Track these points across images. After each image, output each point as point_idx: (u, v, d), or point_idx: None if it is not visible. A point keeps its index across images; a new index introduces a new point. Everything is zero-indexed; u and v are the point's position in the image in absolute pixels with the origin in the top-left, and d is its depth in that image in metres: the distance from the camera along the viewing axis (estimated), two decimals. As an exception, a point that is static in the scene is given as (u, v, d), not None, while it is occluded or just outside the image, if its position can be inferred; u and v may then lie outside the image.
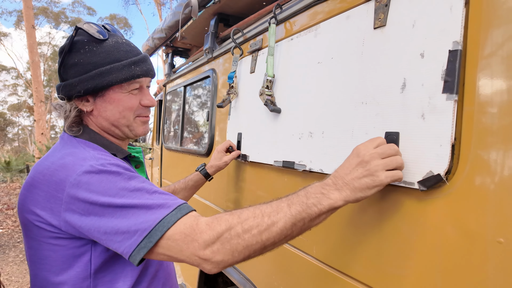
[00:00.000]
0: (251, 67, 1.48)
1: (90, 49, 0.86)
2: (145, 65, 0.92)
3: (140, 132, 0.97)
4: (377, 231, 0.87)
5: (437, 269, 0.73)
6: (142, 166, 1.03)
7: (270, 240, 0.71)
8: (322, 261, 1.05)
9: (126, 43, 0.92)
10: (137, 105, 0.93)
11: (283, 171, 1.26)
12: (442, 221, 0.72)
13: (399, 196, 0.81)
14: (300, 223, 0.72)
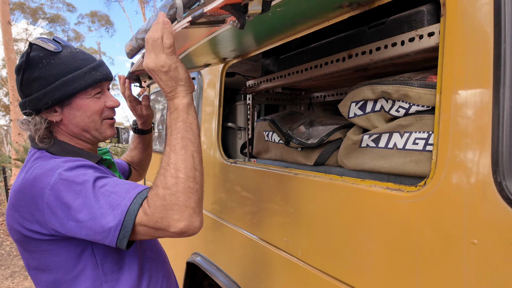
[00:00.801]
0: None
1: (48, 62, 0.89)
2: (104, 69, 0.98)
3: (109, 134, 1.02)
4: (360, 233, 0.89)
5: (417, 269, 0.76)
6: (114, 166, 1.09)
7: (191, 170, 0.78)
8: (308, 263, 1.07)
9: (81, 52, 0.96)
10: (103, 107, 0.98)
11: (269, 174, 1.28)
12: (421, 223, 0.75)
13: (381, 199, 0.84)
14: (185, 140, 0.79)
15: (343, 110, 0.99)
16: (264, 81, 1.41)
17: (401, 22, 0.86)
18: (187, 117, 0.80)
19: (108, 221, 0.74)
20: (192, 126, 0.81)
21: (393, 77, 0.89)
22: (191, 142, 0.79)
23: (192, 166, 0.78)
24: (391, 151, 0.87)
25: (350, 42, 1.02)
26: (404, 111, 0.84)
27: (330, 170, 1.10)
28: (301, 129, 1.25)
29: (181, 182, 0.75)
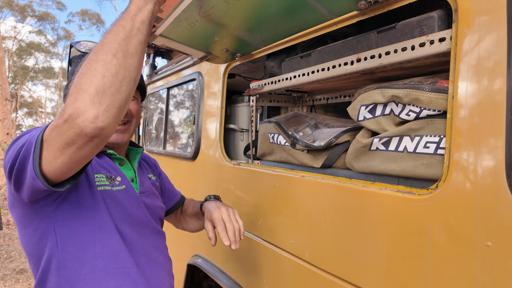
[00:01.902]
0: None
1: (80, 60, 0.93)
2: None
3: (112, 140, 1.03)
4: (370, 235, 0.90)
5: (429, 271, 0.77)
6: (126, 164, 1.08)
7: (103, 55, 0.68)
8: (316, 265, 1.08)
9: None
10: None
11: (275, 176, 1.28)
12: (433, 226, 0.77)
13: (392, 202, 0.85)
14: (119, 27, 0.71)
15: (353, 113, 1.00)
16: (269, 83, 1.41)
17: (411, 27, 0.88)
18: (127, 13, 0.74)
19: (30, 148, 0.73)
20: (128, 17, 0.73)
21: (402, 81, 0.91)
22: (121, 27, 0.71)
23: (109, 50, 0.68)
24: (401, 154, 0.88)
25: (358, 46, 1.03)
26: (415, 115, 0.85)
27: (338, 173, 1.11)
28: (307, 131, 1.26)
29: (89, 63, 0.67)
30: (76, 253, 0.89)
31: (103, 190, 0.95)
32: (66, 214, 0.88)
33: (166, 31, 1.27)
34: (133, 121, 1.08)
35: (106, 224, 0.94)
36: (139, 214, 1.04)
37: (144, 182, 1.14)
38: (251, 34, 1.27)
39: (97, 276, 0.90)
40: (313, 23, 1.09)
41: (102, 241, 0.92)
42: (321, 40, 1.26)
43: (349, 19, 1.01)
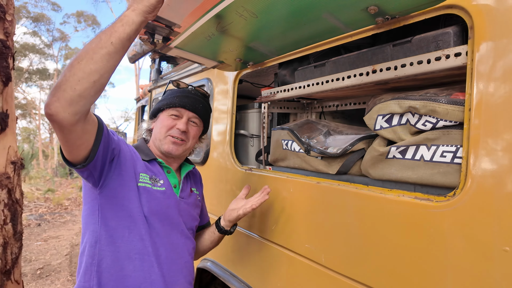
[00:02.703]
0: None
1: (168, 91, 1.34)
2: (186, 99, 1.25)
3: (165, 148, 1.22)
4: (387, 240, 0.94)
5: (447, 276, 0.81)
6: (172, 173, 1.26)
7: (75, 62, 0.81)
8: (332, 269, 1.11)
9: (190, 91, 1.31)
10: (172, 126, 1.22)
11: (290, 182, 1.31)
12: (451, 232, 0.81)
13: (410, 208, 0.89)
14: (97, 38, 0.83)
15: (369, 122, 1.04)
16: (281, 91, 1.44)
17: (427, 42, 0.92)
18: (113, 24, 0.85)
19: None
20: (109, 30, 0.84)
21: (418, 93, 0.95)
22: (99, 38, 0.82)
23: (79, 55, 0.81)
24: (418, 163, 0.92)
25: (373, 57, 1.07)
26: (431, 125, 0.89)
27: (353, 179, 1.15)
28: (320, 138, 1.30)
29: (68, 65, 0.82)
30: (109, 232, 1.07)
31: (143, 187, 1.13)
32: (106, 199, 1.07)
33: (182, 44, 1.30)
34: (188, 142, 1.26)
35: (136, 214, 1.10)
36: (172, 214, 1.19)
37: (185, 190, 1.31)
38: (266, 45, 1.31)
39: (120, 256, 1.07)
40: (328, 36, 1.13)
41: (129, 227, 1.09)
42: (334, 50, 1.30)
43: (365, 32, 1.05)
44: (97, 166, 1.01)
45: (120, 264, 1.06)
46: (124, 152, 1.12)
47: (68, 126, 0.83)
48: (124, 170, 1.09)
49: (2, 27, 0.64)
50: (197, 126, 1.29)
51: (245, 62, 1.54)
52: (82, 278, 1.06)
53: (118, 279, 1.06)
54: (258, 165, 1.75)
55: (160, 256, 1.13)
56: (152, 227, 1.12)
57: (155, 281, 1.10)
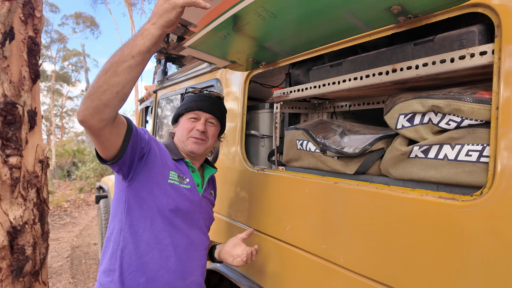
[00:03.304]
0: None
1: (185, 97, 1.45)
2: (202, 102, 1.35)
3: (189, 148, 1.34)
4: (411, 240, 0.93)
5: (475, 275, 0.80)
6: (196, 172, 1.37)
7: (101, 75, 0.89)
8: (351, 270, 1.11)
9: (205, 95, 1.41)
10: (192, 128, 1.33)
11: (305, 182, 1.31)
12: (478, 231, 0.80)
13: (434, 208, 0.88)
14: (120, 51, 0.90)
15: (390, 122, 1.03)
16: (295, 90, 1.44)
17: (450, 40, 0.92)
18: (135, 38, 0.91)
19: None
20: (131, 44, 0.90)
21: (440, 92, 0.94)
22: (121, 51, 0.89)
23: (104, 67, 0.89)
24: (442, 162, 0.91)
25: (393, 56, 1.07)
26: (456, 124, 0.88)
27: (372, 179, 1.14)
28: (336, 138, 1.29)
29: (96, 77, 0.90)
30: (133, 222, 1.18)
31: (171, 184, 1.24)
32: (134, 191, 1.18)
33: (195, 43, 1.30)
34: (208, 141, 1.37)
35: (160, 208, 1.20)
36: (194, 211, 1.31)
37: (207, 190, 1.43)
38: (281, 45, 1.30)
39: (141, 245, 1.18)
40: (347, 35, 1.13)
41: (152, 219, 1.19)
42: (350, 50, 1.30)
43: (384, 31, 1.05)
44: (126, 162, 1.11)
45: (140, 251, 1.17)
46: (154, 150, 1.22)
47: (96, 130, 0.93)
48: (153, 167, 1.20)
49: (32, 24, 0.64)
50: (215, 126, 1.39)
51: (257, 62, 1.54)
52: (108, 261, 1.19)
53: (139, 265, 1.17)
54: (269, 166, 1.74)
55: (178, 247, 1.24)
56: (173, 220, 1.23)
57: (172, 269, 1.21)
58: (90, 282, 4.14)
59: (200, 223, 1.35)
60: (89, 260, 4.94)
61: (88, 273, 4.41)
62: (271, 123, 1.77)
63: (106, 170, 11.23)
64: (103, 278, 1.19)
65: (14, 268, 0.56)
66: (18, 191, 0.58)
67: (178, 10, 0.88)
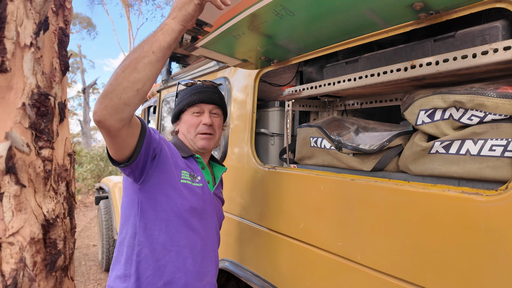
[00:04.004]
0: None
1: (180, 92, 1.38)
2: (202, 94, 1.29)
3: (199, 145, 1.30)
4: (433, 236, 0.93)
5: (500, 270, 0.80)
6: (206, 169, 1.34)
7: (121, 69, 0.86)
8: (369, 267, 1.10)
9: (202, 86, 1.34)
10: (198, 123, 1.29)
11: (320, 180, 1.30)
12: (505, 226, 0.80)
13: (458, 203, 0.88)
14: (139, 48, 0.88)
15: (410, 118, 1.03)
16: (308, 88, 1.44)
17: (472, 36, 0.92)
18: (155, 33, 0.90)
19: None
20: (151, 40, 0.88)
21: (462, 87, 0.95)
22: (141, 47, 0.87)
23: (123, 64, 0.86)
24: (464, 157, 0.91)
25: (412, 53, 1.07)
26: (478, 119, 0.89)
27: (389, 176, 1.14)
28: (351, 135, 1.29)
29: (113, 74, 0.86)
30: (148, 225, 1.13)
31: (184, 183, 1.20)
32: (146, 193, 1.13)
33: (208, 43, 1.29)
34: (216, 133, 1.33)
35: (174, 209, 1.16)
36: (208, 209, 1.27)
37: (218, 188, 1.40)
38: (296, 43, 1.30)
39: (157, 247, 1.14)
40: (364, 31, 1.13)
41: (167, 220, 1.15)
42: (364, 46, 1.30)
43: (403, 27, 1.05)
44: (139, 165, 1.07)
45: (157, 254, 1.14)
46: (165, 150, 1.16)
47: (114, 131, 0.89)
48: (165, 168, 1.14)
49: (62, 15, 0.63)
50: (219, 116, 1.36)
51: (269, 60, 1.53)
52: (123, 266, 1.14)
53: (156, 268, 1.13)
54: (280, 164, 1.73)
55: (195, 248, 1.21)
56: (189, 221, 1.19)
57: (189, 271, 1.18)
58: (90, 283, 4.10)
59: (214, 221, 1.33)
60: (89, 261, 4.89)
61: (88, 275, 4.37)
62: (281, 121, 1.76)
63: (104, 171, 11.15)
64: (118, 284, 1.14)
65: (48, 262, 0.55)
66: (50, 184, 0.57)
67: (195, 2, 0.88)
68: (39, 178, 0.54)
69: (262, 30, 1.17)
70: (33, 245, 0.52)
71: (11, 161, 0.49)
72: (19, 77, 0.52)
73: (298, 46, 1.33)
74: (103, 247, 4.08)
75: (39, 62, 0.56)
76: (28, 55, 0.53)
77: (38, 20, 0.55)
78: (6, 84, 0.50)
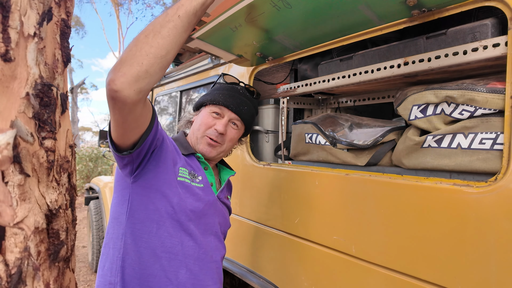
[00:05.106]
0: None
1: (216, 84, 1.28)
2: (230, 99, 1.18)
3: (201, 149, 1.17)
4: (426, 227, 0.96)
5: (492, 258, 0.83)
6: (209, 170, 1.22)
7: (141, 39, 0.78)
8: (364, 259, 1.12)
9: (236, 90, 1.23)
10: (212, 125, 1.16)
11: (314, 175, 1.32)
12: (494, 216, 0.83)
13: (450, 195, 0.91)
14: (163, 14, 0.81)
15: (403, 113, 1.06)
16: (303, 85, 1.46)
17: (463, 34, 0.95)
18: (176, 3, 0.83)
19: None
20: (176, 6, 0.82)
21: (453, 83, 0.98)
22: (165, 14, 0.81)
23: (145, 31, 0.80)
24: (455, 151, 0.94)
25: (405, 50, 1.10)
26: (469, 114, 0.92)
27: (383, 170, 1.17)
28: (345, 131, 1.31)
29: (133, 40, 0.79)
30: (137, 225, 1.01)
31: (182, 181, 1.07)
32: (139, 189, 1.02)
33: (204, 35, 1.29)
34: (224, 144, 1.19)
35: (168, 209, 1.03)
36: (208, 213, 1.13)
37: (223, 192, 1.25)
38: (292, 38, 1.31)
39: (146, 253, 1.00)
40: (359, 28, 1.15)
41: (159, 222, 1.02)
42: (359, 44, 1.32)
43: (397, 25, 1.08)
44: (142, 154, 0.97)
45: (145, 261, 0.99)
46: (166, 143, 1.06)
47: (130, 104, 0.79)
48: (163, 162, 1.03)
49: (64, 6, 0.62)
50: (237, 129, 1.21)
51: (264, 57, 1.55)
52: (108, 271, 1.01)
53: (143, 278, 0.98)
54: (275, 161, 1.75)
55: (190, 257, 1.05)
56: (184, 224, 1.05)
57: (181, 283, 1.01)
58: (80, 285, 4.04)
59: (216, 228, 1.17)
60: (79, 263, 4.82)
61: (78, 276, 4.30)
62: (275, 119, 1.78)
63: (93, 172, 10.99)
64: None
65: (51, 252, 0.55)
66: (53, 174, 0.57)
67: None
68: (42, 168, 0.54)
69: (259, 23, 1.18)
70: (37, 235, 0.52)
71: (16, 150, 0.49)
72: (22, 67, 0.52)
73: (294, 43, 1.35)
74: (93, 248, 4.03)
75: (42, 52, 0.56)
76: (31, 45, 0.53)
77: (41, 10, 0.55)
78: (10, 73, 0.50)
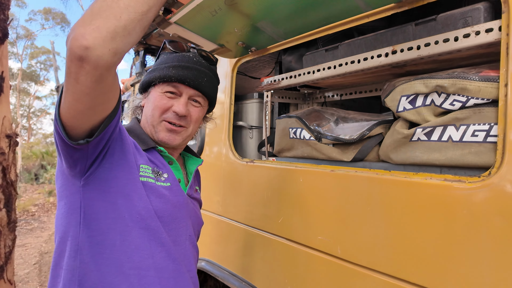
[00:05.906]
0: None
1: (162, 55, 1.03)
2: (186, 71, 0.96)
3: (161, 137, 0.97)
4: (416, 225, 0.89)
5: (485, 255, 0.77)
6: (175, 164, 1.02)
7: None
8: (350, 261, 1.05)
9: (191, 59, 1.00)
10: (167, 107, 0.96)
11: (299, 172, 1.25)
12: (488, 211, 0.77)
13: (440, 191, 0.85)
14: None
15: (391, 104, 1.00)
16: (287, 77, 1.38)
17: (454, 19, 0.89)
18: None
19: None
20: None
21: (443, 72, 0.92)
22: None
23: None
24: (446, 144, 0.88)
25: (393, 38, 1.04)
26: (460, 104, 0.86)
27: (370, 166, 1.10)
28: (331, 126, 1.25)
29: None
30: (95, 239, 0.82)
31: (145, 182, 0.89)
32: (94, 192, 0.82)
33: (183, 19, 1.20)
34: (189, 127, 1.00)
35: (133, 216, 0.85)
36: (179, 216, 0.97)
37: (192, 187, 1.09)
38: (275, 26, 1.24)
39: (110, 271, 0.82)
40: (346, 15, 1.08)
41: (123, 233, 0.84)
42: (345, 34, 1.26)
43: (384, 11, 1.02)
44: (100, 145, 0.79)
45: (108, 282, 0.82)
46: (125, 135, 0.87)
47: (102, 68, 0.63)
48: (123, 158, 0.85)
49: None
50: (201, 107, 1.02)
51: (247, 47, 1.46)
52: None
53: None
54: (259, 157, 1.67)
55: (163, 269, 0.89)
56: (154, 233, 0.88)
57: None
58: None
59: (189, 231, 1.01)
60: (60, 266, 4.64)
61: (58, 280, 4.14)
62: (260, 114, 1.70)
63: (78, 172, 10.70)
64: None
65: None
66: (-21, 167, 0.48)
67: None
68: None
69: (240, 7, 1.10)
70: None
71: None
72: None
73: (278, 32, 1.27)
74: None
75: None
76: None
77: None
78: None
